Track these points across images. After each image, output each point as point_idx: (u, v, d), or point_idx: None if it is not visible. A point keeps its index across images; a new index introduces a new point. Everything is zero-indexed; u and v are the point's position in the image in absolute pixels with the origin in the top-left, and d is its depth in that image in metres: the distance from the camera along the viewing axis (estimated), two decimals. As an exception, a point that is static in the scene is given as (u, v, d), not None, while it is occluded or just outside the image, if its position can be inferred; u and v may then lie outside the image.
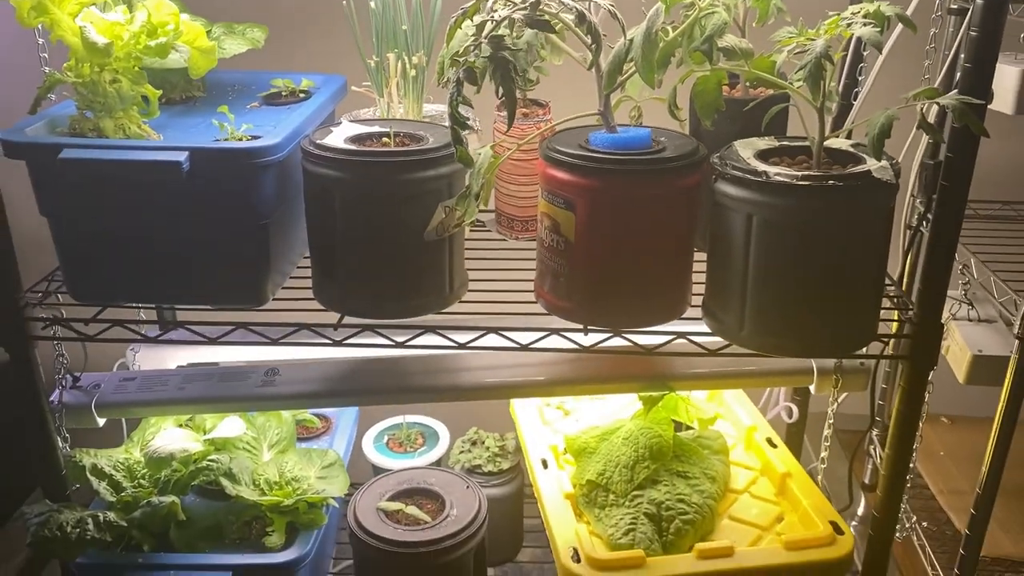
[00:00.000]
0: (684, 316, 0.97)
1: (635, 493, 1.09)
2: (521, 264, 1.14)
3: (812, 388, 1.15)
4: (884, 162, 0.86)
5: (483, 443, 1.35)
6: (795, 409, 1.37)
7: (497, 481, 1.32)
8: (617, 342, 0.97)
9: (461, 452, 1.34)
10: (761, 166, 0.86)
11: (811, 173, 0.84)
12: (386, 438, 1.43)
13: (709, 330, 0.95)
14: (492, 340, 0.99)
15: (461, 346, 0.99)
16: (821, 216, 0.83)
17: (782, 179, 0.83)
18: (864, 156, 0.88)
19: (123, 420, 1.25)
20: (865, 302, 0.89)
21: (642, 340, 0.98)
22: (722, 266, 0.91)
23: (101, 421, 1.13)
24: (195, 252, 0.96)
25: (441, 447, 1.40)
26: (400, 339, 0.99)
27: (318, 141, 0.94)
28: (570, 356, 1.12)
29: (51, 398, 1.11)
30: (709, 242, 0.94)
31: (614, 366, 1.10)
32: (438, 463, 1.39)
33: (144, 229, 0.95)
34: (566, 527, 1.06)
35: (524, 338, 0.99)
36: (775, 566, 1.00)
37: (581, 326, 0.97)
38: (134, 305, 1.07)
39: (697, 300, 0.98)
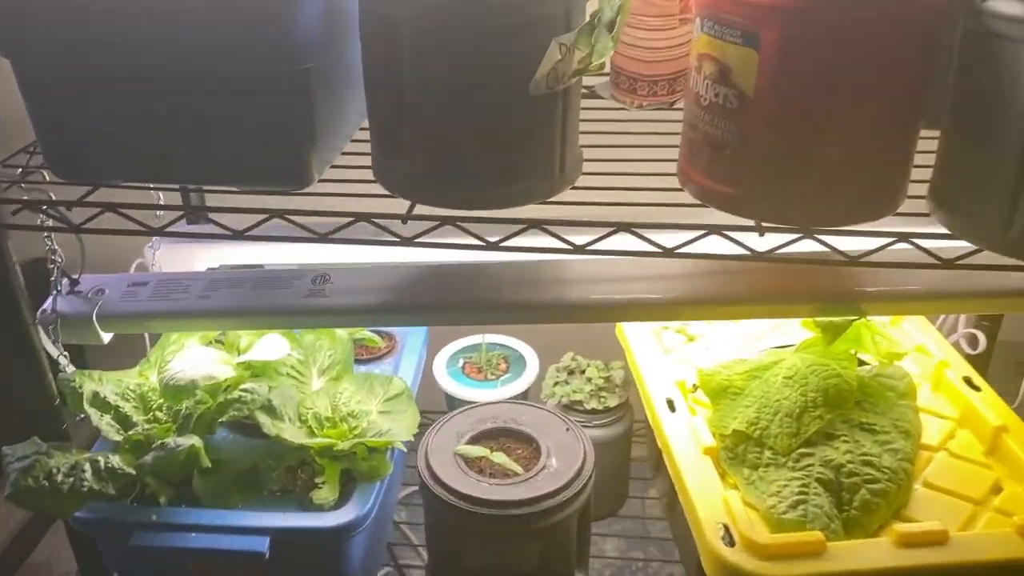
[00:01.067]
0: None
1: (802, 451, 0.81)
2: (651, 141, 0.85)
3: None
4: None
5: (583, 372, 1.09)
6: (981, 337, 1.07)
7: (602, 421, 1.06)
8: (803, 246, 0.68)
9: (556, 384, 1.08)
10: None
11: None
12: (461, 361, 1.18)
13: (938, 232, 0.66)
14: (622, 242, 0.70)
15: (578, 249, 0.70)
16: None
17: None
18: None
19: (146, 335, 1.02)
20: None
21: (839, 244, 0.68)
22: (983, 134, 0.60)
23: (106, 336, 0.89)
24: (212, 110, 0.69)
25: (529, 375, 1.13)
26: (492, 237, 0.71)
27: (379, -53, 0.64)
28: (715, 266, 0.83)
29: (44, 306, 0.87)
30: (955, 100, 0.63)
31: (780, 281, 0.81)
32: (525, 395, 1.13)
33: (142, 74, 0.68)
34: (710, 494, 0.79)
35: (668, 240, 0.70)
36: (1008, 561, 0.72)
37: (753, 222, 0.68)
38: (142, 185, 0.80)
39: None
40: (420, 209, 0.71)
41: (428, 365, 1.17)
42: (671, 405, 0.91)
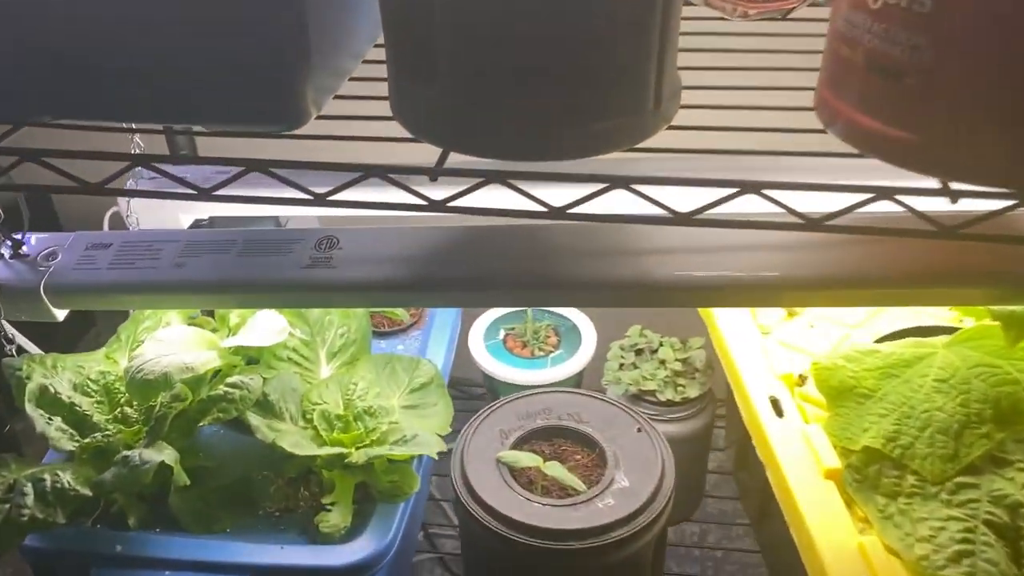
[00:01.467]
0: None
1: (961, 480, 0.61)
2: (765, 61, 0.65)
3: None
4: None
5: (654, 353, 0.89)
6: None
7: (679, 415, 0.86)
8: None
9: (621, 367, 0.88)
10: None
11: None
12: (502, 332, 0.98)
13: None
14: (742, 206, 0.50)
15: (682, 217, 0.50)
16: None
17: None
18: None
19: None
20: None
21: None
22: None
23: (60, 314, 0.70)
24: (168, 19, 0.48)
25: (584, 352, 0.94)
26: (556, 200, 0.51)
27: None
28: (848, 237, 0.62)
29: (-20, 275, 0.69)
30: None
31: (943, 255, 0.60)
32: (579, 377, 0.94)
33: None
34: (839, 538, 0.60)
35: (810, 204, 0.49)
36: None
37: (939, 183, 0.47)
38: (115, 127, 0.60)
39: None
40: (455, 159, 0.50)
41: (463, 337, 0.98)
42: (777, 407, 0.71)
